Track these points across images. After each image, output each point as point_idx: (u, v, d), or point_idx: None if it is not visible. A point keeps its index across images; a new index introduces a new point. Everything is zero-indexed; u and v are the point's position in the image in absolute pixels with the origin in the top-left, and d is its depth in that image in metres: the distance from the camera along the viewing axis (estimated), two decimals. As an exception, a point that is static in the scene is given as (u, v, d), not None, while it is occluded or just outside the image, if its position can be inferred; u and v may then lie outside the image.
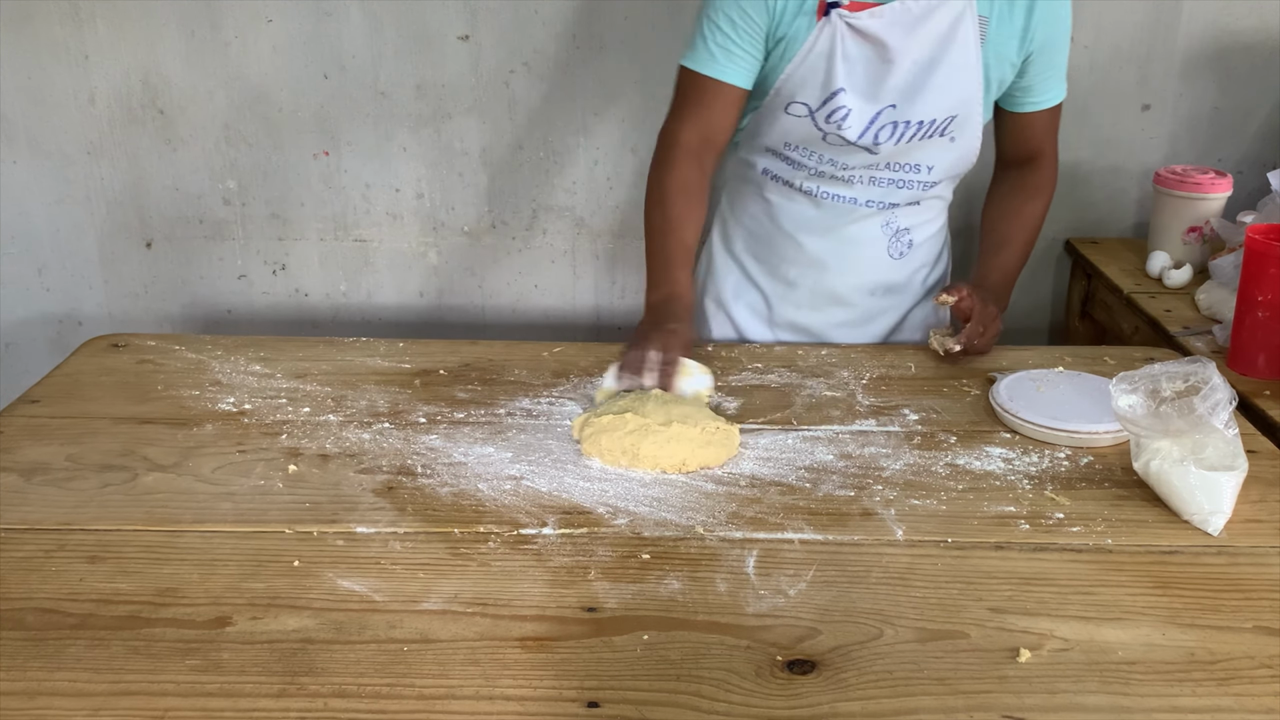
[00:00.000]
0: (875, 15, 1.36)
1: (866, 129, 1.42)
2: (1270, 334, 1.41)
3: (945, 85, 1.40)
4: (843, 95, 1.39)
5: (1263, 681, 0.86)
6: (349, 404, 1.32)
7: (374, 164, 2.12)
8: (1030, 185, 1.57)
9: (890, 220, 1.54)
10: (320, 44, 2.02)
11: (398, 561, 1.01)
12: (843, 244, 1.54)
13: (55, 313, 2.23)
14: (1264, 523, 1.07)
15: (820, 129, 1.43)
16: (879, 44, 1.37)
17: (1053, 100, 1.53)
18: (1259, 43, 2.01)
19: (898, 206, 1.53)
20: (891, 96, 1.40)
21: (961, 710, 0.82)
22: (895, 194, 1.51)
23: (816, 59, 1.38)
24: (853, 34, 1.37)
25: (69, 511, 1.09)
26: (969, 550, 1.03)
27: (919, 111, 1.41)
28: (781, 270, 1.58)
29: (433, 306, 2.23)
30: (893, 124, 1.42)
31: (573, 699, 0.84)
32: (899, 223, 1.55)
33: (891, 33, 1.36)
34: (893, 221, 1.54)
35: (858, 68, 1.39)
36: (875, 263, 1.57)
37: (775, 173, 1.52)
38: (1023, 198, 1.56)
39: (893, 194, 1.51)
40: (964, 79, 1.41)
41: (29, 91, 2.05)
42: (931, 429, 1.26)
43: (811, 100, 1.41)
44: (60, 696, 0.84)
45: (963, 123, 1.45)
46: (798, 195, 1.52)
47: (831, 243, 1.54)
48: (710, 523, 1.07)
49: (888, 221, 1.54)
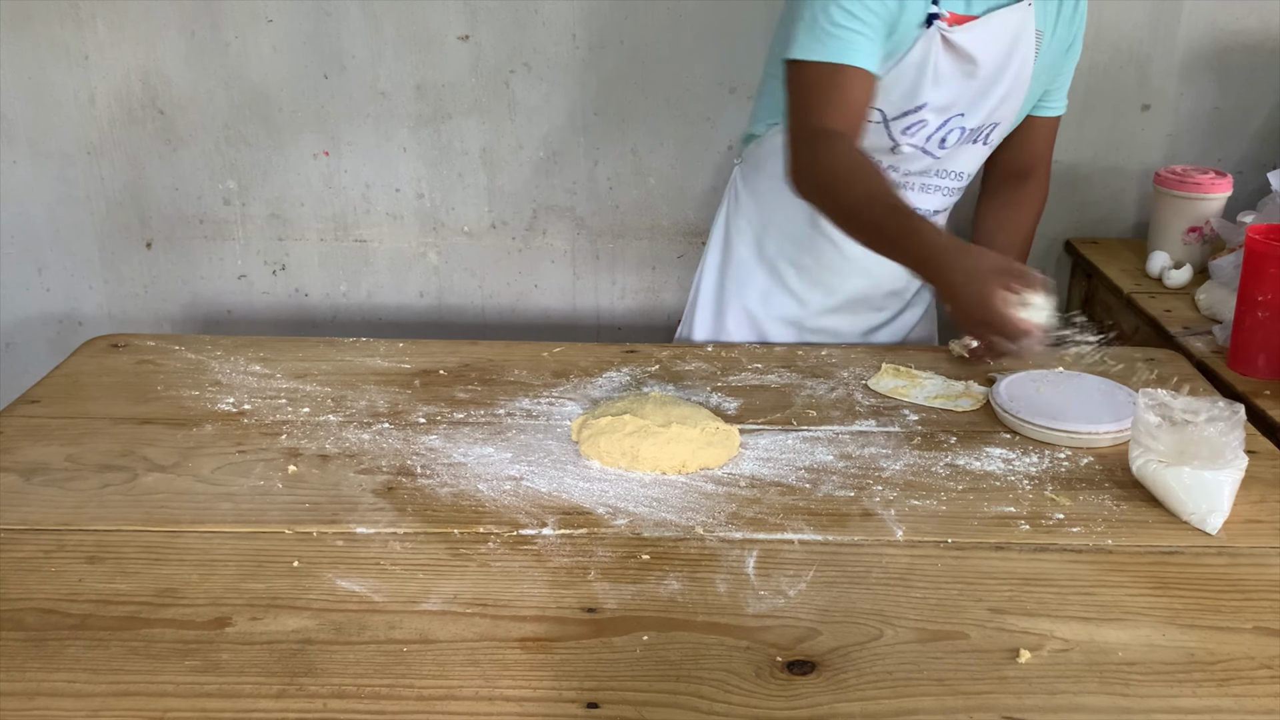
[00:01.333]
0: (970, 29, 1.34)
1: (935, 132, 1.41)
2: (1270, 334, 1.41)
3: (1004, 95, 1.41)
4: (925, 110, 1.39)
5: (1263, 682, 0.86)
6: (349, 404, 1.32)
7: (374, 164, 2.12)
8: (1024, 197, 1.57)
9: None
10: (320, 44, 2.02)
11: (397, 562, 1.01)
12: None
13: (55, 313, 2.23)
14: (1264, 523, 1.07)
15: (893, 139, 1.42)
16: (969, 59, 1.35)
17: (1060, 109, 1.54)
18: (1259, 43, 2.01)
19: (935, 215, 1.53)
20: (962, 105, 1.40)
21: (961, 711, 0.82)
22: (938, 201, 1.51)
23: (906, 69, 1.35)
24: (946, 48, 1.35)
25: (68, 512, 1.09)
26: (969, 551, 1.03)
27: (979, 119, 1.42)
28: (823, 278, 1.56)
29: (433, 306, 2.23)
30: (960, 129, 1.42)
31: (572, 699, 0.84)
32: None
33: (980, 47, 1.35)
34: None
35: (944, 82, 1.37)
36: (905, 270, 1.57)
37: None
38: (1017, 210, 1.57)
39: (936, 201, 1.51)
40: (1018, 90, 1.42)
41: (29, 91, 2.05)
42: (931, 429, 1.26)
43: (890, 109, 1.39)
44: (59, 697, 0.84)
45: (1000, 130, 1.46)
46: None
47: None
48: (710, 523, 1.07)
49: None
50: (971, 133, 1.44)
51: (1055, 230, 2.14)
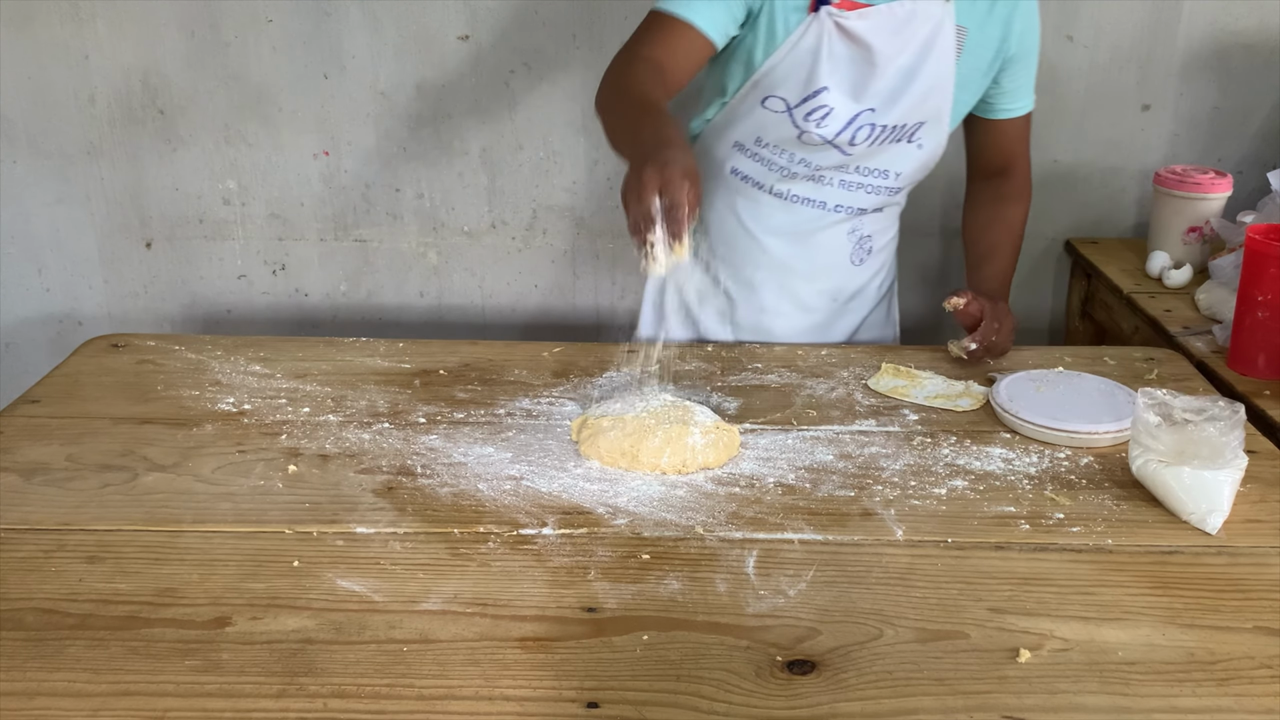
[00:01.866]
0: (864, 16, 1.35)
1: (844, 128, 1.41)
2: (1270, 334, 1.41)
3: (922, 92, 1.41)
4: (826, 94, 1.39)
5: (1263, 681, 0.86)
6: (349, 404, 1.32)
7: (374, 164, 2.12)
8: (1007, 193, 1.57)
9: (856, 227, 1.54)
10: (320, 44, 2.02)
11: (398, 562, 1.01)
12: (808, 249, 1.54)
13: (55, 313, 2.23)
14: (1264, 523, 1.07)
15: (798, 126, 1.42)
16: (865, 46, 1.36)
17: (1025, 109, 1.54)
18: (1259, 43, 2.01)
19: (865, 213, 1.53)
20: (873, 100, 1.40)
21: (961, 710, 0.82)
22: (863, 199, 1.51)
23: (802, 54, 1.37)
24: (840, 33, 1.36)
25: (69, 511, 1.09)
26: (969, 550, 1.03)
27: (895, 116, 1.42)
28: (745, 273, 1.57)
29: (433, 306, 2.23)
30: (870, 125, 1.42)
31: (572, 699, 0.84)
32: (863, 229, 1.55)
33: (878, 36, 1.36)
34: (858, 229, 1.55)
35: (842, 67, 1.38)
36: (838, 269, 1.57)
37: (745, 173, 1.51)
38: (1002, 205, 1.57)
39: (861, 199, 1.51)
40: (939, 87, 1.42)
41: (29, 91, 2.05)
42: (931, 429, 1.26)
43: (791, 96, 1.40)
44: (59, 697, 0.84)
45: (930, 130, 1.46)
46: (767, 198, 1.51)
47: (797, 247, 1.54)
48: (710, 523, 1.07)
49: (854, 228, 1.54)
50: (892, 131, 1.43)
51: (1055, 230, 2.14)
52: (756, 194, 1.52)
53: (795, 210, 1.51)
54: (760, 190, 1.51)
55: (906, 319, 2.22)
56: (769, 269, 1.56)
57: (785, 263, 1.55)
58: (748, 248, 1.55)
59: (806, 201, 1.50)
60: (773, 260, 1.55)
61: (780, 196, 1.50)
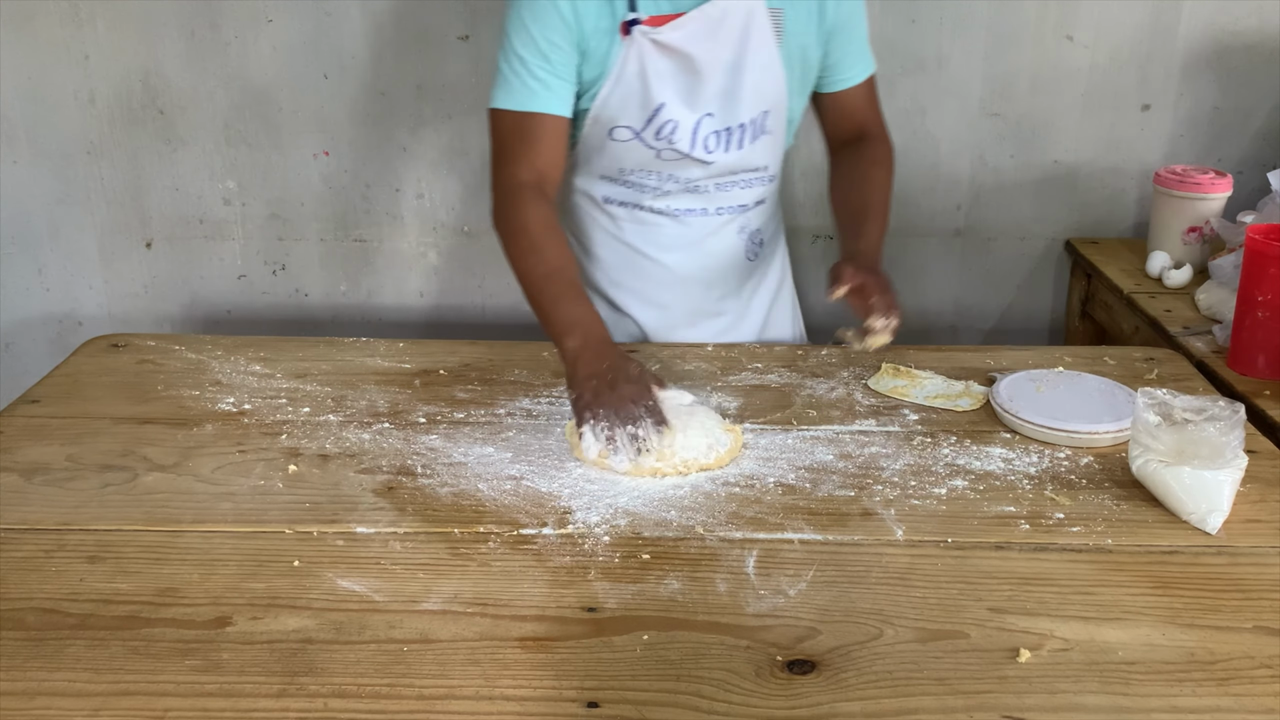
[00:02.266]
0: (676, 27, 1.34)
1: (693, 140, 1.40)
2: (1270, 334, 1.41)
3: (754, 84, 1.39)
4: (666, 109, 1.38)
5: (1263, 681, 0.86)
6: (349, 404, 1.32)
7: (374, 164, 2.12)
8: (868, 157, 1.51)
9: (744, 225, 1.54)
10: (320, 44, 2.02)
11: (398, 561, 1.01)
12: (705, 257, 1.53)
13: (55, 313, 2.23)
14: (1264, 523, 1.07)
15: (652, 147, 1.42)
16: (685, 55, 1.35)
17: (862, 74, 1.50)
18: (1259, 43, 2.01)
19: (748, 209, 1.53)
20: (708, 105, 1.39)
21: (961, 710, 0.82)
22: (742, 195, 1.50)
23: (631, 80, 1.36)
24: (658, 49, 1.34)
25: (69, 511, 1.09)
26: (969, 550, 1.03)
27: (737, 115, 1.41)
28: (653, 295, 1.56)
29: (433, 306, 2.23)
30: (715, 132, 1.41)
31: (572, 699, 0.84)
32: (751, 225, 1.55)
33: (694, 43, 1.34)
34: (746, 225, 1.54)
35: (670, 80, 1.37)
36: (737, 269, 1.56)
37: (621, 199, 1.50)
38: (865, 166, 1.50)
39: (740, 196, 1.50)
40: (770, 75, 1.40)
41: (29, 91, 2.05)
42: (931, 429, 1.26)
43: (635, 121, 1.39)
44: (60, 696, 0.84)
45: (775, 115, 1.44)
46: (649, 216, 1.51)
47: (695, 257, 1.53)
48: (710, 523, 1.07)
49: (742, 226, 1.54)
50: (740, 130, 1.42)
51: (1055, 230, 2.14)
52: (639, 215, 1.51)
53: (682, 221, 1.50)
54: (641, 210, 1.50)
55: (907, 318, 2.22)
56: (674, 285, 1.55)
57: (688, 275, 1.54)
58: (648, 269, 1.54)
59: (689, 211, 1.50)
60: (675, 276, 1.54)
61: (663, 213, 1.50)
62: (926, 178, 2.11)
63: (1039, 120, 2.07)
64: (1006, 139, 2.08)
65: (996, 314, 2.22)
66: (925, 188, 2.12)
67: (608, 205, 1.52)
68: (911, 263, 2.17)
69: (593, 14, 1.32)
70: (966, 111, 2.06)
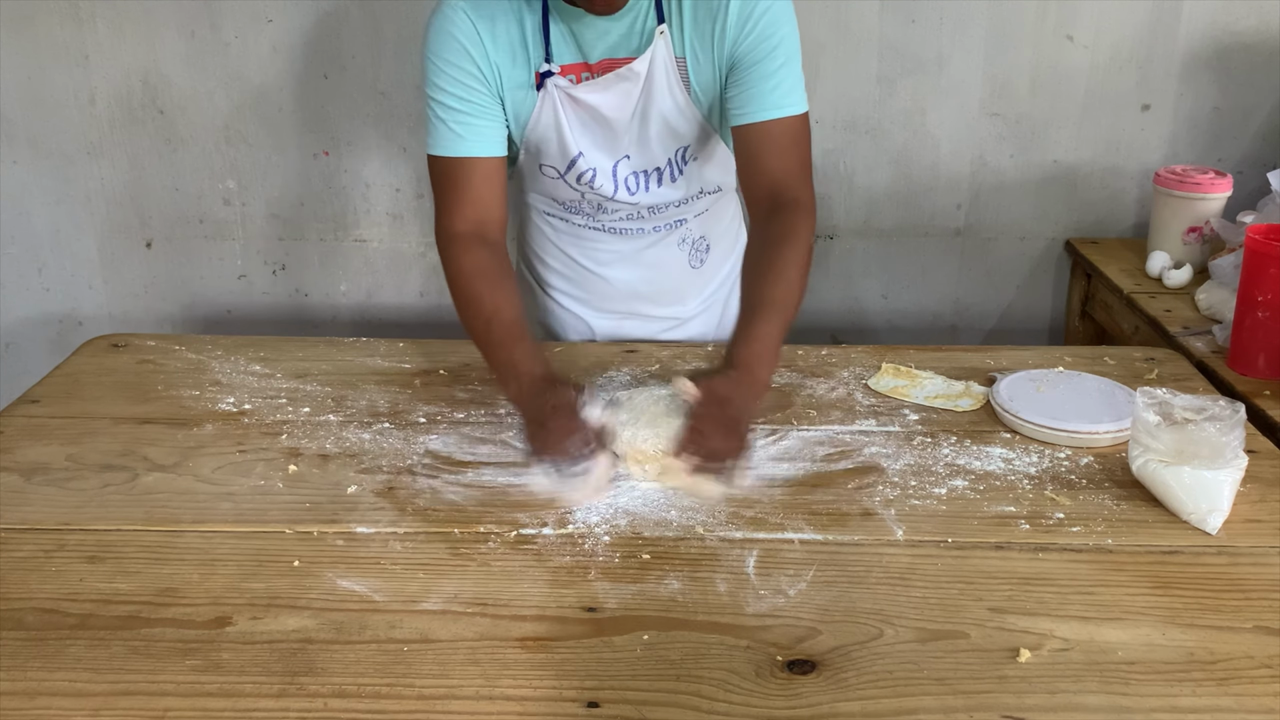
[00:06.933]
0: (588, 89, 1.33)
1: (615, 183, 1.41)
2: (1270, 334, 1.41)
3: (668, 129, 1.38)
4: (583, 158, 1.38)
5: (1263, 681, 0.86)
6: (349, 404, 1.32)
7: (374, 164, 2.12)
8: (777, 233, 1.29)
9: (685, 236, 1.53)
10: (320, 44, 2.02)
11: (398, 561, 1.01)
12: (648, 270, 1.53)
13: (55, 313, 2.23)
14: (1264, 523, 1.07)
15: (575, 189, 1.42)
16: (594, 109, 1.35)
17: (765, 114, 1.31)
18: (1259, 43, 2.01)
19: (686, 221, 1.52)
20: (625, 149, 1.39)
21: (961, 710, 0.82)
22: (679, 212, 1.49)
23: (547, 129, 1.36)
24: (572, 101, 1.34)
25: (69, 511, 1.09)
26: (969, 550, 1.03)
27: (654, 159, 1.40)
28: (598, 303, 1.57)
29: (433, 306, 2.23)
30: (634, 173, 1.41)
31: (573, 699, 0.84)
32: (694, 234, 1.53)
33: (604, 99, 1.34)
34: (687, 236, 1.53)
35: (584, 131, 1.37)
36: (681, 279, 1.56)
37: (562, 215, 1.51)
38: (775, 248, 1.29)
39: (676, 213, 1.49)
40: (684, 117, 1.37)
41: (29, 91, 2.05)
42: (931, 429, 1.26)
43: (557, 164, 1.40)
44: (60, 696, 0.84)
45: (699, 146, 1.42)
46: (590, 232, 1.51)
47: (639, 271, 1.53)
48: (710, 523, 1.07)
49: (683, 238, 1.53)
50: (659, 172, 1.42)
51: (1055, 230, 2.15)
52: (580, 230, 1.51)
53: (620, 234, 1.50)
54: (581, 227, 1.51)
55: (907, 318, 2.23)
56: (620, 300, 1.56)
57: (632, 289, 1.55)
58: (591, 281, 1.55)
59: (625, 231, 1.50)
60: (620, 292, 1.55)
61: (601, 229, 1.50)
62: (926, 178, 2.11)
63: (1039, 120, 2.07)
64: (1006, 139, 2.08)
65: (996, 314, 2.22)
66: (925, 188, 2.12)
67: (550, 218, 1.53)
68: (911, 262, 2.17)
69: (507, 62, 1.32)
70: (966, 111, 2.06)
